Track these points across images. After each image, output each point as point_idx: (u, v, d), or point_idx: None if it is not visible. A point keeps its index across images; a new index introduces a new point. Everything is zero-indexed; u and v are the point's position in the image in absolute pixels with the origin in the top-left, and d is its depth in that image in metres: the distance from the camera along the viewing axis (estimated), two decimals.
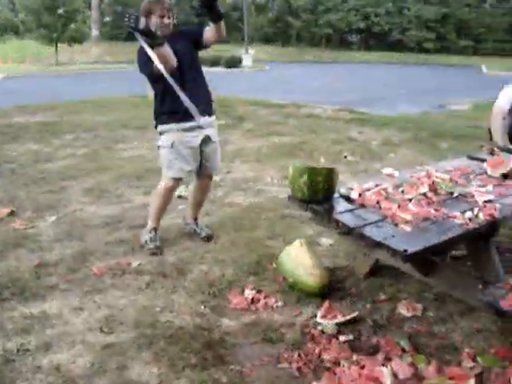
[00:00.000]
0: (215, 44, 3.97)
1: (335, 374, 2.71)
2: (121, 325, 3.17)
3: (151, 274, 3.81)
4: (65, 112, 10.84)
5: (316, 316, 3.28)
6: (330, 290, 3.58)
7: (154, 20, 3.76)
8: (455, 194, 3.17)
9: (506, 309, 2.61)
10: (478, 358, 2.90)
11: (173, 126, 3.98)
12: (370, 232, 2.66)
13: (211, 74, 21.49)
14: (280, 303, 3.45)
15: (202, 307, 3.41)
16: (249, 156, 7.24)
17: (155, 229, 4.26)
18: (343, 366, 2.77)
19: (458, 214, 2.87)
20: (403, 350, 2.94)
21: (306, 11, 38.12)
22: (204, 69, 4.14)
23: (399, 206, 2.91)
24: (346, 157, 7.21)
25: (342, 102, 13.03)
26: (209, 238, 4.36)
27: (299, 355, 2.89)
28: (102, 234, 4.51)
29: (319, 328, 3.14)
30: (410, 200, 3.01)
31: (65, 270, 3.83)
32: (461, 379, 2.68)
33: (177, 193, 5.43)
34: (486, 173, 3.61)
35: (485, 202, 3.06)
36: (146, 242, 4.20)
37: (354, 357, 2.83)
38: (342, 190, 3.11)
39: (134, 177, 6.06)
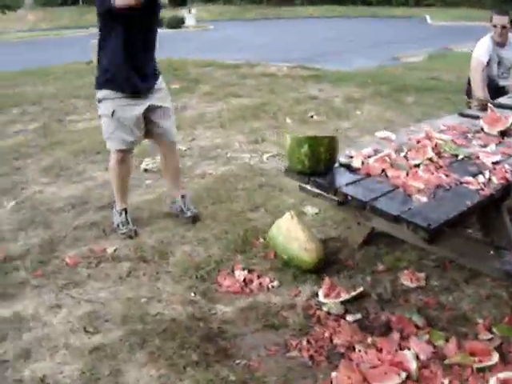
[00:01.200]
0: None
1: (351, 360, 2.50)
2: (106, 322, 2.86)
3: (130, 260, 3.49)
4: (4, 85, 10.12)
5: (317, 295, 3.06)
6: (325, 263, 3.35)
7: None
8: (460, 157, 2.96)
9: None
10: (494, 329, 2.74)
11: (112, 93, 3.58)
12: (385, 205, 2.42)
13: None
14: (275, 283, 3.21)
15: (192, 294, 3.13)
16: (211, 121, 6.88)
17: (125, 210, 3.91)
18: (359, 350, 2.55)
19: (471, 179, 2.66)
20: (417, 327, 2.75)
21: None
22: None
23: (408, 174, 2.67)
24: (312, 116, 6.94)
25: (294, 58, 12.70)
26: (194, 219, 3.99)
27: (308, 341, 2.66)
28: (69, 217, 4.14)
29: (324, 309, 2.91)
30: (417, 166, 2.78)
31: (33, 263, 3.46)
32: (483, 354, 2.52)
33: (142, 166, 5.12)
34: (482, 130, 3.41)
35: (493, 163, 2.86)
36: (118, 226, 3.87)
37: (369, 339, 2.62)
38: (343, 159, 2.84)
39: (93, 151, 5.62)
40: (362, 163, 2.81)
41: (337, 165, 2.86)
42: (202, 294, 3.13)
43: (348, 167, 2.82)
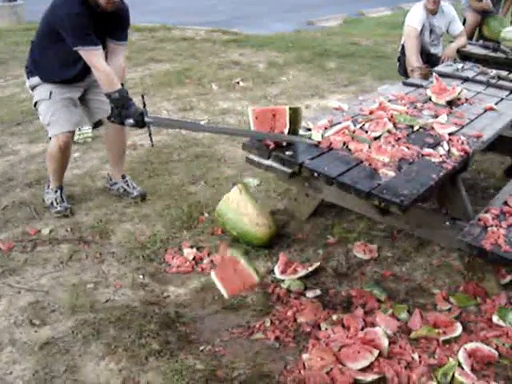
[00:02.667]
0: None
1: (318, 339, 2.44)
2: (53, 313, 2.64)
3: (69, 242, 3.26)
4: None
5: (273, 272, 2.97)
6: (275, 236, 3.27)
7: None
8: (416, 128, 2.93)
9: (490, 248, 2.44)
10: (451, 299, 2.77)
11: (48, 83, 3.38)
12: (353, 181, 2.34)
13: None
14: None
15: (141, 276, 2.97)
16: (134, 87, 6.55)
17: (60, 187, 3.63)
18: (325, 329, 2.50)
19: (431, 151, 2.63)
20: (379, 301, 2.74)
21: None
22: None
23: (369, 147, 2.60)
24: (238, 83, 6.77)
25: (210, 22, 12.37)
26: (143, 197, 3.75)
27: (272, 322, 2.58)
28: None
29: (283, 286, 2.83)
30: (377, 138, 2.72)
31: None
32: (447, 326, 2.54)
33: None
34: (430, 100, 3.40)
35: (449, 134, 2.85)
36: (51, 204, 3.58)
37: (334, 316, 2.57)
38: (302, 132, 2.73)
39: (13, 122, 5.21)
40: (322, 136, 2.72)
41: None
42: (151, 275, 2.98)
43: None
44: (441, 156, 2.61)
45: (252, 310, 2.69)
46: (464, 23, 6.74)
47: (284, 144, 2.66)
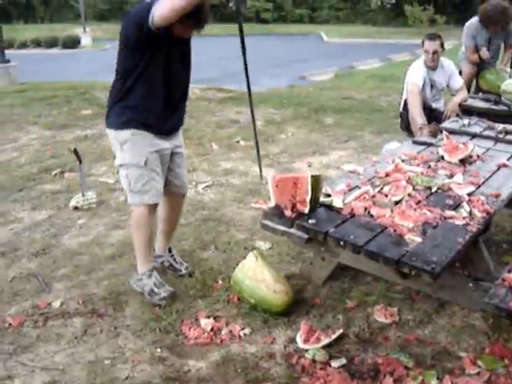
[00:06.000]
0: None
1: None
2: None
3: (81, 315, 3.17)
4: None
5: (295, 341, 2.89)
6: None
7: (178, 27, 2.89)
8: (434, 189, 2.92)
9: None
10: (479, 362, 2.70)
11: (141, 132, 3.06)
12: (381, 249, 2.30)
13: (50, 57, 19.89)
14: (247, 330, 3.01)
15: (158, 349, 2.87)
16: None
17: (154, 269, 3.36)
18: None
19: (454, 213, 2.61)
20: (406, 367, 2.66)
21: None
22: (41, 51, 3.38)
23: (392, 211, 2.58)
24: (238, 142, 6.80)
25: (203, 79, 12.52)
26: (190, 275, 3.54)
27: None
28: (1, 268, 3.71)
29: (308, 356, 2.75)
30: (398, 202, 2.69)
31: None
32: None
33: (72, 204, 4.75)
34: (443, 159, 3.40)
35: (468, 195, 2.83)
36: (152, 291, 3.25)
37: None
38: (323, 199, 2.70)
39: (14, 188, 5.17)
40: (343, 202, 2.69)
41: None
42: (168, 348, 2.89)
43: (329, 207, 2.68)
44: (464, 218, 2.59)
45: (277, 382, 2.59)
46: (460, 75, 6.85)
47: (306, 212, 2.62)
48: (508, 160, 3.49)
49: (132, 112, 3.03)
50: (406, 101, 5.22)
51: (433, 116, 5.08)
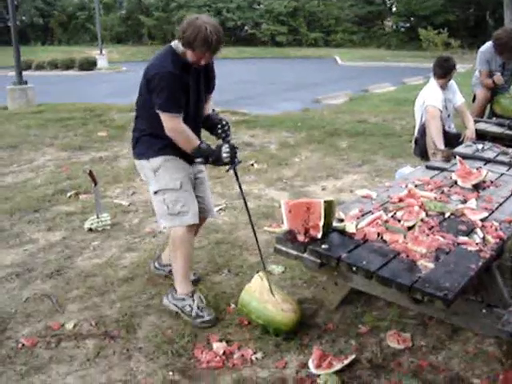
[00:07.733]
0: None
1: None
2: None
3: (94, 337, 3.18)
4: None
5: (307, 366, 2.88)
6: (305, 327, 3.19)
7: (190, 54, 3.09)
8: (447, 215, 2.92)
9: None
10: None
11: (171, 158, 3.23)
12: (393, 275, 2.30)
13: (67, 78, 20.08)
14: (259, 354, 3.00)
15: (170, 373, 2.87)
16: None
17: (195, 292, 3.42)
18: None
19: (467, 239, 2.60)
20: None
21: (157, 9, 37.08)
22: (57, 72, 3.49)
23: (405, 237, 2.58)
24: (252, 165, 6.83)
25: (217, 102, 12.63)
26: (197, 283, 3.66)
27: None
28: (15, 289, 3.75)
29: (320, 382, 2.73)
30: (411, 228, 2.69)
31: None
32: None
33: (86, 225, 4.78)
34: (456, 184, 3.40)
35: (481, 220, 2.83)
36: (197, 315, 3.28)
37: None
38: (336, 224, 2.71)
39: (30, 209, 5.23)
40: (356, 227, 2.70)
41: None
42: (180, 372, 2.88)
43: (341, 232, 2.69)
44: (477, 244, 2.59)
45: None
46: (474, 100, 6.87)
47: (319, 237, 2.63)
48: None
49: (162, 140, 3.18)
50: (423, 126, 5.19)
51: (446, 138, 5.05)
